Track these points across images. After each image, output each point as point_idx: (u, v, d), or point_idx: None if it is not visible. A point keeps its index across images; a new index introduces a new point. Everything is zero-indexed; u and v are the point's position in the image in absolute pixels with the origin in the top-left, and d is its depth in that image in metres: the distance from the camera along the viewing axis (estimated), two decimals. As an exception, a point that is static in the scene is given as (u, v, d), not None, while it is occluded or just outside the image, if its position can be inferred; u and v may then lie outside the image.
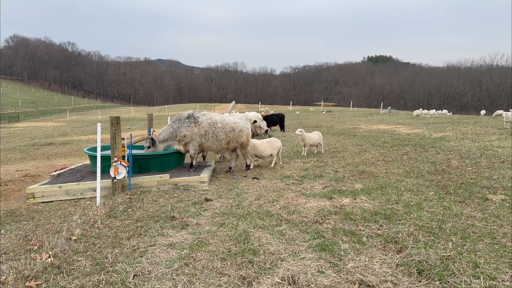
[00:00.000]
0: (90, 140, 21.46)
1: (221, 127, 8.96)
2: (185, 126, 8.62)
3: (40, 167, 12.17)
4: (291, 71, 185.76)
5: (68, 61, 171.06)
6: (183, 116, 8.81)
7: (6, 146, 19.36)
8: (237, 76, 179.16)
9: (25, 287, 3.38)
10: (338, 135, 18.33)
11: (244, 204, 6.08)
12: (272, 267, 3.66)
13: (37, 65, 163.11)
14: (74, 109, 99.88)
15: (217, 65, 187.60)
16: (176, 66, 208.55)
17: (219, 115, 9.55)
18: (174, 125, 8.72)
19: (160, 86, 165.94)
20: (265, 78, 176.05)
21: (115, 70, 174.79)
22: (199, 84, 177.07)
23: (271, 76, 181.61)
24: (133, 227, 5.17)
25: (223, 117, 9.39)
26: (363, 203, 5.83)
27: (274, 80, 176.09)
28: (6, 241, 4.88)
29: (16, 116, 68.28)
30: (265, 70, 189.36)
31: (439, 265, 3.54)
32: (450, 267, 3.47)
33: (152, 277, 3.55)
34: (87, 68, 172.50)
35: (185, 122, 8.67)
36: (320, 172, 8.75)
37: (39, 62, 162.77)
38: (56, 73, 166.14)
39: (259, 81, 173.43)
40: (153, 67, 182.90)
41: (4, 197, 7.91)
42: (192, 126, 8.63)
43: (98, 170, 6.65)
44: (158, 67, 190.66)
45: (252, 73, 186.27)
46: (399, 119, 30.07)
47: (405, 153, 10.86)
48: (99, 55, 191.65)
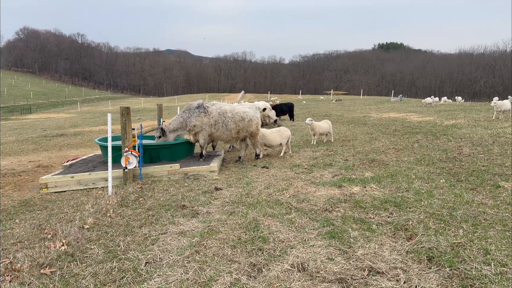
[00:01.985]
0: (101, 131, 21.66)
1: (230, 116, 8.97)
2: (195, 116, 8.65)
3: (53, 157, 12.33)
4: (301, 59, 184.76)
5: (78, 52, 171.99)
6: (193, 106, 8.84)
7: (19, 138, 19.64)
8: (246, 66, 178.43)
9: (40, 274, 3.45)
10: (348, 124, 18.23)
11: (253, 193, 6.11)
12: (281, 255, 3.69)
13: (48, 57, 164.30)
14: (85, 100, 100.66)
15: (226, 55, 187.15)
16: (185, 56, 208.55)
17: (228, 105, 9.55)
18: (184, 115, 8.75)
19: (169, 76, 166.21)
20: (274, 67, 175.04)
21: (125, 61, 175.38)
22: (208, 74, 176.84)
23: (280, 65, 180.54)
24: (145, 215, 5.24)
25: (233, 107, 9.40)
26: (373, 191, 5.82)
27: (283, 69, 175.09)
28: (21, 230, 4.99)
29: (28, 108, 69.09)
30: (274, 59, 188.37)
31: (449, 252, 3.54)
32: (461, 254, 3.46)
33: (164, 264, 3.61)
34: (97, 59, 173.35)
35: (195, 112, 8.70)
36: (330, 160, 8.73)
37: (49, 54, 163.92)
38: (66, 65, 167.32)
39: (268, 71, 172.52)
40: (162, 58, 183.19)
41: (18, 187, 8.06)
42: (202, 116, 8.66)
43: (109, 160, 6.72)
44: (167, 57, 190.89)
45: (261, 63, 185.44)
46: (410, 106, 29.76)
47: (416, 141, 10.77)
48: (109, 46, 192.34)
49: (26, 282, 3.31)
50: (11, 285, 3.24)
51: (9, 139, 19.00)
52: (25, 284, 3.28)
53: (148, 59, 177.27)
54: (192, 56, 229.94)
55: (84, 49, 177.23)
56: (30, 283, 3.31)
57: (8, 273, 3.45)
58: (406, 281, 3.09)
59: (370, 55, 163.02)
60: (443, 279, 3.10)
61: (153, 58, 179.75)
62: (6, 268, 3.52)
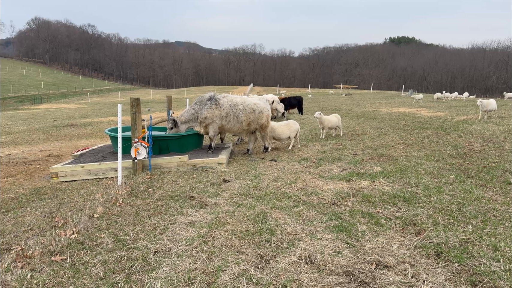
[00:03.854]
0: (111, 122, 21.82)
1: (242, 108, 8.98)
2: (206, 108, 8.68)
3: (63, 147, 12.47)
4: (310, 53, 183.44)
5: (88, 43, 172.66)
6: (205, 98, 8.87)
7: (30, 127, 19.86)
8: (255, 58, 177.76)
9: (50, 261, 3.51)
10: (357, 118, 18.13)
11: (261, 185, 6.13)
12: (289, 247, 3.70)
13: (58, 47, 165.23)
14: (95, 91, 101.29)
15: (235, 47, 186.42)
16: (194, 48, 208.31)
17: (239, 97, 9.56)
18: (196, 106, 8.79)
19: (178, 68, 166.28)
20: (283, 60, 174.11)
21: (134, 52, 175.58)
22: (217, 66, 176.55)
23: (289, 58, 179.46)
24: (154, 206, 5.28)
25: (244, 99, 9.41)
26: (382, 186, 5.80)
27: (292, 62, 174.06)
28: (32, 218, 5.07)
29: (39, 98, 69.69)
30: (284, 52, 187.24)
31: (458, 247, 3.52)
32: (470, 250, 3.45)
33: (172, 254, 3.65)
34: (107, 50, 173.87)
35: (206, 104, 8.73)
36: (339, 155, 8.71)
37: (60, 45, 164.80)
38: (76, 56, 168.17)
39: (278, 64, 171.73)
40: (171, 50, 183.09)
41: (29, 176, 8.17)
42: (213, 108, 8.69)
43: (119, 151, 6.78)
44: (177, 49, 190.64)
45: (270, 55, 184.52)
46: (421, 101, 29.48)
47: (426, 136, 10.69)
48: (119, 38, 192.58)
49: (38, 269, 3.37)
50: (23, 271, 3.30)
51: (21, 129, 19.23)
52: (37, 270, 3.34)
53: (157, 50, 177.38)
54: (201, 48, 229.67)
55: (94, 40, 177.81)
56: (41, 269, 3.37)
57: (20, 260, 3.51)
58: (414, 275, 3.09)
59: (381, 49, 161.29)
60: (451, 274, 3.09)
61: (163, 49, 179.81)
62: (18, 255, 3.59)
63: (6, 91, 78.31)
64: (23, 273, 3.26)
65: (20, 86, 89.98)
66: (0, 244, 4.04)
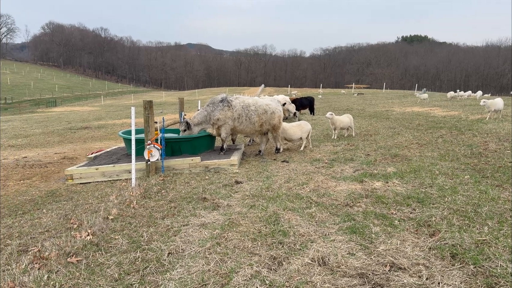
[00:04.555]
0: (124, 124, 22.05)
1: (254, 109, 9.01)
2: (218, 110, 8.72)
3: (77, 149, 12.64)
4: (322, 52, 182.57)
5: (101, 46, 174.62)
6: (217, 99, 8.92)
7: (45, 130, 20.19)
8: (266, 59, 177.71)
9: (66, 263, 3.57)
10: (370, 118, 18.00)
11: (273, 186, 6.13)
12: (302, 248, 3.70)
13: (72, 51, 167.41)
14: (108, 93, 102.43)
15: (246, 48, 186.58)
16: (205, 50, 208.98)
17: (251, 98, 9.58)
18: (208, 108, 8.84)
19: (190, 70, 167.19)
20: (294, 61, 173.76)
21: (147, 55, 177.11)
22: (228, 68, 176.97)
23: (300, 59, 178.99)
24: (167, 207, 5.33)
25: (256, 100, 9.43)
26: (396, 187, 5.75)
27: (303, 62, 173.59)
28: (48, 219, 5.15)
29: (53, 101, 70.78)
30: (295, 52, 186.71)
31: (473, 249, 3.47)
32: (486, 251, 3.40)
33: (186, 255, 3.67)
34: (120, 53, 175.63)
35: (218, 105, 8.78)
36: (351, 155, 8.66)
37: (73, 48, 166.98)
38: (90, 59, 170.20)
39: (289, 64, 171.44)
40: (183, 52, 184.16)
41: (44, 178, 8.31)
42: (226, 110, 8.73)
43: (133, 153, 6.85)
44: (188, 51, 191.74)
45: (281, 56, 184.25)
46: (435, 101, 29.14)
47: (440, 136, 10.56)
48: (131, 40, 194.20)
49: (54, 270, 3.43)
50: (40, 272, 3.36)
51: (36, 131, 19.56)
52: (53, 272, 3.40)
53: (169, 53, 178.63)
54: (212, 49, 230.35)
55: (107, 43, 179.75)
56: (57, 271, 3.42)
57: (36, 261, 3.57)
58: (429, 277, 3.06)
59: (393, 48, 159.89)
60: (467, 276, 3.05)
61: (175, 52, 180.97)
62: (35, 256, 3.65)
63: (21, 95, 79.76)
64: (40, 274, 3.32)
65: (35, 89, 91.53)
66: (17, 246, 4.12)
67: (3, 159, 10.96)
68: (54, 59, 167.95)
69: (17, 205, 6.18)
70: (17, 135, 18.28)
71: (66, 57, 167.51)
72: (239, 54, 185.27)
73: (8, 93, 77.85)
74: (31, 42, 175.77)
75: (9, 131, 20.67)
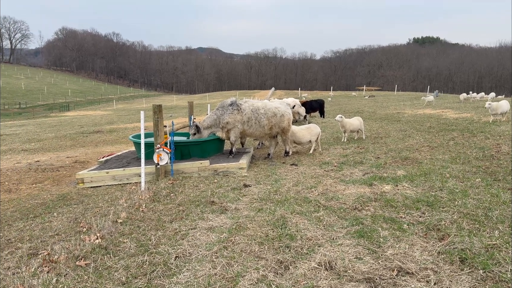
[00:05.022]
0: (136, 128, 22.25)
1: (263, 112, 9.03)
2: (228, 113, 8.76)
3: (89, 153, 12.80)
4: (332, 55, 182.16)
5: (114, 51, 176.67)
6: (226, 103, 8.97)
7: (58, 134, 20.49)
8: (276, 62, 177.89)
9: (75, 266, 3.61)
10: (380, 121, 17.87)
11: (282, 190, 6.12)
12: (309, 252, 3.68)
13: (85, 56, 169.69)
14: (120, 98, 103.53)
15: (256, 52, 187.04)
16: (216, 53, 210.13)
17: (260, 101, 9.62)
18: (218, 112, 8.90)
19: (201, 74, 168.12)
20: (305, 64, 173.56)
21: (158, 59, 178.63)
22: (238, 71, 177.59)
23: (311, 61, 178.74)
24: (175, 211, 5.36)
25: (265, 103, 9.47)
26: (405, 190, 5.69)
27: (314, 65, 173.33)
28: (58, 223, 5.22)
29: (66, 106, 71.81)
30: (305, 55, 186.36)
31: (483, 253, 3.42)
32: (496, 256, 3.34)
33: (193, 259, 3.69)
34: (132, 58, 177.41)
35: (228, 109, 8.82)
36: (361, 158, 8.60)
37: (86, 53, 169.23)
38: (102, 63, 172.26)
39: (299, 67, 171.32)
40: (194, 56, 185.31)
41: (56, 182, 8.43)
42: (235, 114, 8.76)
43: (142, 157, 6.91)
44: (199, 55, 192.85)
45: (291, 59, 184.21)
46: (447, 103, 28.81)
47: (452, 139, 10.43)
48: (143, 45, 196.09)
49: (63, 273, 3.47)
50: (49, 275, 3.41)
51: (49, 136, 19.86)
52: (62, 275, 3.44)
53: (180, 57, 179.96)
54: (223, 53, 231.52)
55: (119, 48, 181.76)
56: (66, 274, 3.46)
57: (46, 264, 3.62)
58: (437, 282, 3.02)
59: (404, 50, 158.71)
60: (476, 281, 3.00)
61: (185, 56, 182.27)
62: (44, 260, 3.70)
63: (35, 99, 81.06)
64: (49, 278, 3.36)
65: (48, 94, 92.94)
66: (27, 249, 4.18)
67: (16, 163, 11.15)
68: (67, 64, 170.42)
69: (28, 209, 6.28)
70: (31, 139, 18.58)
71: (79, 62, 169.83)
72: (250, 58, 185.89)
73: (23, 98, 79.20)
74: (45, 47, 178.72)
75: (23, 135, 21.03)
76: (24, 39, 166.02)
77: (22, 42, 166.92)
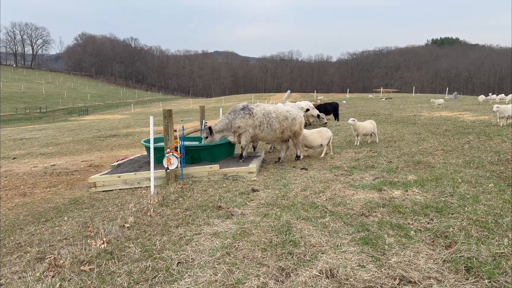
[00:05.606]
0: (150, 132, 22.48)
1: (275, 116, 9.05)
2: (239, 118, 8.81)
3: (104, 157, 12.99)
4: (349, 57, 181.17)
5: (132, 56, 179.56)
6: (238, 107, 9.02)
7: (76, 138, 20.88)
8: (292, 65, 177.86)
9: (79, 271, 3.66)
10: (396, 123, 17.62)
11: (289, 195, 6.08)
12: (311, 260, 3.64)
13: (103, 60, 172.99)
14: (138, 102, 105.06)
15: (272, 55, 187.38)
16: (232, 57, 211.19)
17: (272, 105, 9.63)
18: (230, 116, 8.95)
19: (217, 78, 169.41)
20: (321, 66, 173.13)
21: (175, 63, 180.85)
22: (254, 74, 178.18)
23: (327, 64, 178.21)
24: (182, 215, 5.38)
25: (276, 107, 9.48)
26: (415, 196, 5.58)
27: (330, 67, 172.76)
28: (68, 227, 5.30)
29: (85, 110, 73.26)
30: (321, 57, 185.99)
31: (490, 262, 3.32)
32: (503, 265, 3.23)
33: (195, 265, 3.69)
34: (149, 62, 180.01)
35: (240, 113, 8.87)
36: (372, 162, 8.49)
37: (105, 58, 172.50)
38: (121, 68, 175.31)
39: (315, 69, 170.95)
40: (210, 60, 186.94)
41: (69, 186, 8.58)
42: (247, 118, 8.80)
43: (151, 161, 6.98)
44: (215, 59, 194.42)
45: (307, 61, 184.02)
46: (465, 105, 28.24)
47: (467, 142, 10.20)
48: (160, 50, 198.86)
49: (67, 278, 3.52)
50: (53, 280, 3.46)
51: (66, 140, 20.25)
52: (66, 280, 3.49)
53: (197, 61, 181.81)
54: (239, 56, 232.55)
55: (137, 52, 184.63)
56: (70, 279, 3.51)
57: (51, 269, 3.68)
58: (440, 292, 2.94)
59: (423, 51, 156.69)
60: (481, 292, 2.91)
61: (202, 60, 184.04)
62: (50, 264, 3.76)
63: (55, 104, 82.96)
64: (53, 282, 3.41)
65: (68, 98, 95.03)
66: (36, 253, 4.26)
67: (33, 167, 11.40)
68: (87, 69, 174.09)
69: (41, 213, 6.40)
70: (49, 143, 18.98)
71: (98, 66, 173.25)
72: (265, 61, 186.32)
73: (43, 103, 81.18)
74: (65, 52, 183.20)
75: (42, 139, 21.51)
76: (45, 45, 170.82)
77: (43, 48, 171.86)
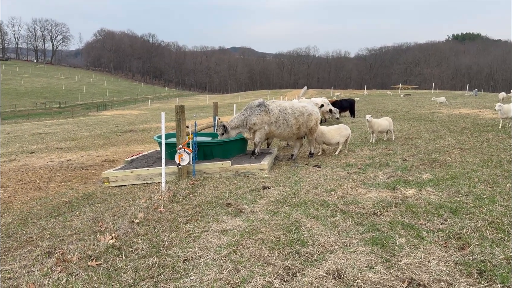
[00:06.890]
0: (167, 127, 22.62)
1: (290, 112, 8.99)
2: (255, 114, 8.76)
3: (119, 152, 13.12)
4: (367, 53, 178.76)
5: (149, 52, 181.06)
6: (254, 104, 8.98)
7: (93, 133, 21.16)
8: (309, 61, 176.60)
9: (87, 266, 3.67)
10: (413, 121, 17.30)
11: (300, 192, 6.00)
12: (319, 259, 3.57)
13: (122, 56, 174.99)
14: (155, 97, 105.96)
15: (289, 50, 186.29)
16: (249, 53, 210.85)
17: (287, 102, 9.58)
18: (246, 112, 8.92)
19: (233, 73, 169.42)
20: (338, 62, 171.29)
21: (192, 59, 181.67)
22: (271, 70, 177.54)
23: (345, 59, 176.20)
24: (192, 212, 5.36)
25: (292, 103, 9.44)
26: (429, 195, 5.44)
27: (348, 63, 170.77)
28: (79, 222, 5.35)
29: (104, 105, 74.32)
30: (339, 53, 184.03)
31: (504, 266, 3.19)
32: (517, 270, 3.11)
33: (202, 263, 3.66)
34: (167, 58, 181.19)
35: (256, 110, 8.83)
36: (387, 160, 8.34)
37: (123, 54, 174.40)
38: (139, 64, 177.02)
39: (332, 65, 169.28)
40: (227, 55, 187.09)
41: (84, 181, 8.68)
42: (263, 115, 8.75)
43: (163, 157, 7.00)
44: (232, 55, 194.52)
45: (325, 57, 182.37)
46: (485, 102, 27.51)
47: (486, 140, 9.92)
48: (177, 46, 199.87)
49: (74, 273, 3.53)
50: (60, 275, 3.48)
51: (84, 135, 20.55)
52: (72, 275, 3.50)
53: (214, 57, 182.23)
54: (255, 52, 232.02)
55: (155, 48, 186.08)
56: (77, 274, 3.53)
57: (59, 264, 3.70)
58: (450, 296, 2.84)
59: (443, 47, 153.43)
60: (493, 297, 2.81)
61: (219, 56, 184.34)
62: (58, 259, 3.79)
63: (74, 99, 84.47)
64: (59, 277, 3.43)
65: (87, 94, 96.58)
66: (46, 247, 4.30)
67: (49, 161, 11.59)
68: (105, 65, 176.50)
69: (54, 207, 6.48)
70: (66, 138, 19.29)
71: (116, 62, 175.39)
72: (282, 57, 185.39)
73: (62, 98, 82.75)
74: (84, 48, 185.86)
75: (60, 134, 21.88)
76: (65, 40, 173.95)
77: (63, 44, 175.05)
